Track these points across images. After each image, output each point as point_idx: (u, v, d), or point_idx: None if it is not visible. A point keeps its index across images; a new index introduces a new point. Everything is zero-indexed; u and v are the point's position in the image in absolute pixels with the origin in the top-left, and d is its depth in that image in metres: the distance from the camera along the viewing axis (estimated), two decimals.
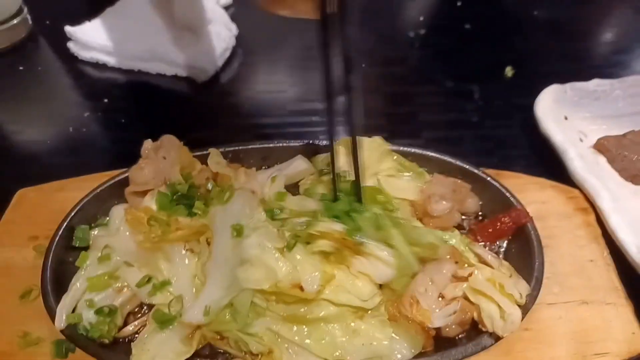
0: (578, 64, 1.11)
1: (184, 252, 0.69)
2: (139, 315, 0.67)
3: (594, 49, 1.16)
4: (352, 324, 0.64)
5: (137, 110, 1.05)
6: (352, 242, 0.64)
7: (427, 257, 0.66)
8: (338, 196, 0.70)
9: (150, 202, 0.73)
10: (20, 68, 1.14)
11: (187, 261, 0.69)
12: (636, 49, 1.17)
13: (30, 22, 1.23)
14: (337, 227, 0.65)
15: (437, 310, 0.62)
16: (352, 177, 0.68)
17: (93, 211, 0.75)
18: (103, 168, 0.84)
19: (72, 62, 1.14)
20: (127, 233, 0.71)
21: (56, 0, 1.32)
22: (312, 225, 0.65)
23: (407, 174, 0.79)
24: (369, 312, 0.65)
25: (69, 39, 1.14)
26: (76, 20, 1.13)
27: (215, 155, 0.80)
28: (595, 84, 0.96)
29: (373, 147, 0.79)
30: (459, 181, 0.76)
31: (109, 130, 1.01)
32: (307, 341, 0.62)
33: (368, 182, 0.74)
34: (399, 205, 0.73)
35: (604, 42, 1.19)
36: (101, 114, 1.04)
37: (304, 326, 0.63)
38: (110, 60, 1.13)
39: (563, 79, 0.96)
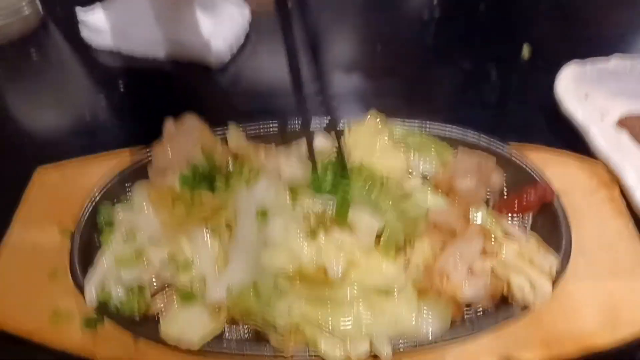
0: (595, 42, 1.10)
1: (206, 234, 0.69)
2: (166, 291, 0.67)
3: (611, 27, 1.15)
4: (378, 303, 0.63)
5: (153, 97, 1.04)
6: (330, 218, 0.65)
7: (409, 230, 0.67)
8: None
9: (173, 181, 0.73)
10: (34, 57, 1.13)
11: (209, 243, 0.68)
12: None
13: (41, 11, 1.22)
14: (316, 206, 0.66)
15: (467, 284, 0.62)
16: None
17: (116, 189, 0.75)
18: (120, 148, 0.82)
19: (85, 49, 1.14)
20: (151, 211, 0.71)
21: None
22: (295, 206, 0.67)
23: (401, 151, 0.79)
24: (395, 290, 0.64)
25: (81, 27, 1.13)
26: (88, 8, 1.13)
27: (234, 131, 0.80)
28: (614, 61, 0.95)
29: (368, 126, 0.80)
30: (484, 155, 0.75)
31: (125, 116, 1.01)
32: (332, 320, 0.62)
33: (356, 161, 0.74)
34: (386, 181, 0.72)
35: (622, 20, 1.17)
36: (117, 100, 1.03)
37: (329, 307, 0.63)
38: (123, 47, 1.12)
39: (580, 57, 0.95)
